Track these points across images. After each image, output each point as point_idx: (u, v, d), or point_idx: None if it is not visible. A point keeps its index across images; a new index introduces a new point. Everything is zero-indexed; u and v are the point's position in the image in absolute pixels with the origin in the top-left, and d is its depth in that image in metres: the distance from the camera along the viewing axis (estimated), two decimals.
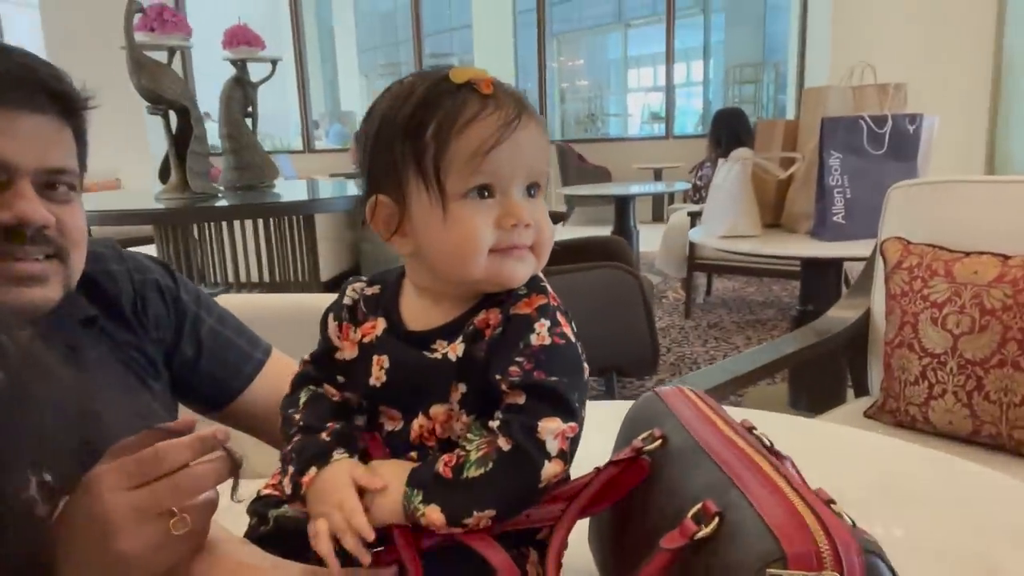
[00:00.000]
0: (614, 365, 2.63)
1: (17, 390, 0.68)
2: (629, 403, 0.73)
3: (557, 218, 5.63)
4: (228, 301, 1.56)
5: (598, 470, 0.64)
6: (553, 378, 0.57)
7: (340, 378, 0.67)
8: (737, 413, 0.70)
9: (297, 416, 0.66)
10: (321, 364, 0.69)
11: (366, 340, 0.65)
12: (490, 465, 0.56)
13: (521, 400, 0.57)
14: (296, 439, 0.65)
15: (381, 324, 0.65)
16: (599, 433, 0.68)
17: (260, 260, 3.28)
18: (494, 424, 0.58)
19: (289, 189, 3.49)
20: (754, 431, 0.61)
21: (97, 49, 2.72)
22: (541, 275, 0.64)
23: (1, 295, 0.73)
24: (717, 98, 11.59)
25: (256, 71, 3.34)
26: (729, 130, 4.71)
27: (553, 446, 0.56)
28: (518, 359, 0.57)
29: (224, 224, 3.17)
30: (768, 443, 0.60)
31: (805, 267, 2.82)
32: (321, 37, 12.32)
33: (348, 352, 0.66)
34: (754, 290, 5.06)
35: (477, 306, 0.62)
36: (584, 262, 2.74)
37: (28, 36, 7.55)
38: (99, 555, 0.53)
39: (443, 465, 0.57)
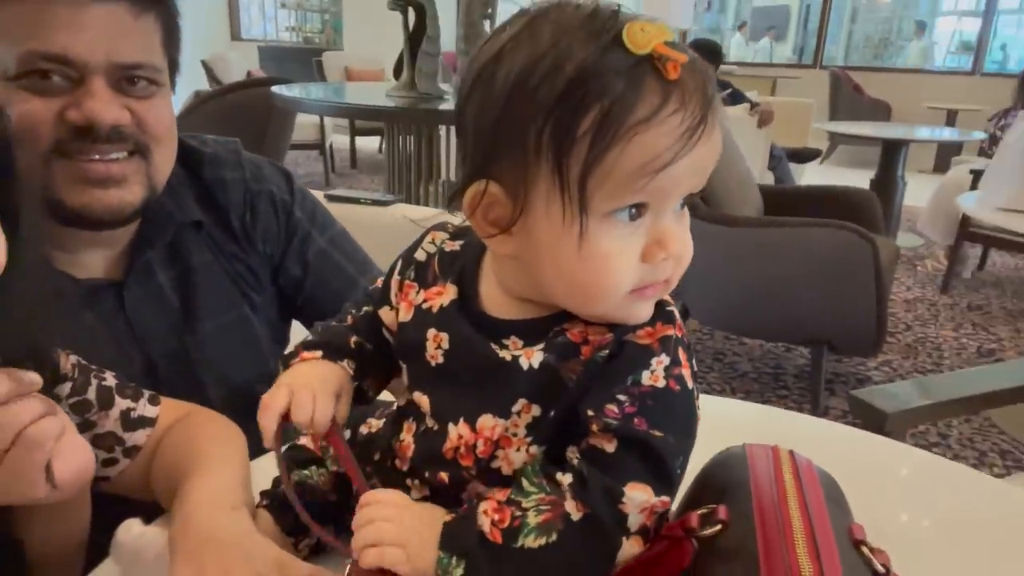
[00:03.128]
0: (825, 338, 2.30)
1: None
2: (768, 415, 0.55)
3: (811, 155, 5.02)
4: (402, 212, 1.55)
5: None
6: (657, 433, 0.45)
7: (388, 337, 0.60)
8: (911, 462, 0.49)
9: (349, 318, 0.63)
10: (374, 312, 0.62)
11: (426, 306, 0.55)
12: (554, 536, 0.44)
13: (610, 448, 0.45)
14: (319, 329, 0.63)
15: (450, 293, 0.54)
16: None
17: None
18: (565, 478, 0.46)
19: None
20: (864, 548, 0.43)
21: None
22: (668, 298, 0.50)
23: (76, 197, 0.72)
24: None
25: None
26: None
27: (635, 521, 0.45)
28: (620, 396, 0.45)
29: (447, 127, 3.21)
30: (882, 570, 0.42)
31: None
32: None
33: (404, 314, 0.57)
34: None
35: (567, 312, 0.49)
36: (815, 216, 2.39)
37: None
38: None
39: (489, 524, 0.46)
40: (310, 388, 0.55)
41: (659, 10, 4.56)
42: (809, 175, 5.14)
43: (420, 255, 0.58)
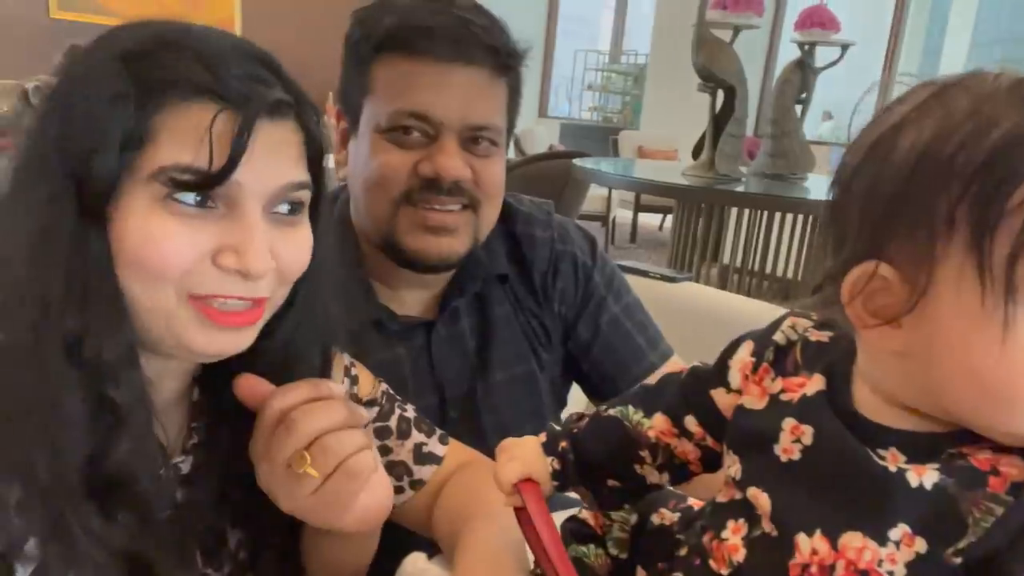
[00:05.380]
0: None
1: None
2: None
3: None
4: (690, 291, 1.50)
5: None
6: None
7: (703, 421, 0.55)
8: None
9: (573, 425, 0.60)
10: (694, 393, 0.56)
11: (785, 397, 0.48)
12: None
13: None
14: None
15: (817, 384, 0.47)
16: None
17: (779, 254, 3.15)
18: None
19: (821, 185, 3.22)
20: None
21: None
22: None
23: (414, 241, 0.78)
24: None
25: (824, 56, 3.12)
26: None
27: None
28: None
29: (748, 211, 3.13)
30: None
31: None
32: (931, 25, 11.02)
33: (753, 400, 0.50)
34: None
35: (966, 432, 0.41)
36: None
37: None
38: None
39: None
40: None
41: None
42: None
43: (779, 338, 0.51)
